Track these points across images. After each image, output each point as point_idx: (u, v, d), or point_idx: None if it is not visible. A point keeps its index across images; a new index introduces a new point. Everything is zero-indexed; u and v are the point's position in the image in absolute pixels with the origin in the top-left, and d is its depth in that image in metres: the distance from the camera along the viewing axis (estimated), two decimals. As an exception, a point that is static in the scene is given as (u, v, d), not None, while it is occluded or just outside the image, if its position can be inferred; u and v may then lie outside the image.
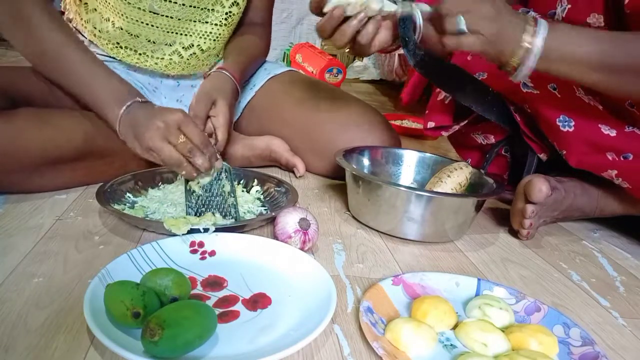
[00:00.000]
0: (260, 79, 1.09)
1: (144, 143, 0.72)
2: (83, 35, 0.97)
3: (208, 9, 0.97)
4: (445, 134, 1.01)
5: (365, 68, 2.86)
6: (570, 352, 0.53)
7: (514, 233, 0.86)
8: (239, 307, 0.55)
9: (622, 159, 0.77)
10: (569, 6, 0.67)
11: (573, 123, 0.80)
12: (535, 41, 0.66)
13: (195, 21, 0.97)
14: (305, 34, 2.76)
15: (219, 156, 0.77)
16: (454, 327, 0.56)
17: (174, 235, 0.66)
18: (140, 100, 0.78)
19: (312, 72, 2.31)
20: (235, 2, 0.99)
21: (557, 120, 0.81)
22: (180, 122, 0.71)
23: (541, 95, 0.82)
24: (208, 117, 0.86)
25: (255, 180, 0.90)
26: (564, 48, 0.67)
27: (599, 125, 0.78)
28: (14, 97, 0.82)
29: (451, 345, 0.53)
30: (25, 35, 0.79)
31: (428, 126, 1.02)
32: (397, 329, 0.52)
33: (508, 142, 0.99)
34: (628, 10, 0.72)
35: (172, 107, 0.76)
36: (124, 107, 0.76)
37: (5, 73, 0.85)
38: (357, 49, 0.74)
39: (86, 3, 0.95)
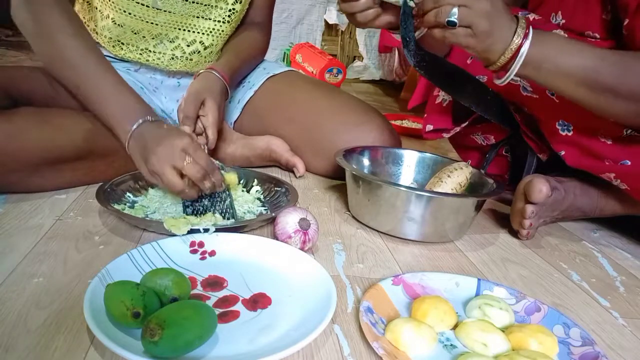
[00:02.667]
0: (259, 79, 1.09)
1: (149, 166, 0.71)
2: None
3: (211, 6, 0.97)
4: (445, 135, 1.01)
5: (365, 68, 2.86)
6: (570, 352, 0.53)
7: (514, 233, 0.86)
8: (239, 307, 0.55)
9: (619, 164, 0.77)
10: (563, 21, 0.67)
11: (572, 127, 0.80)
12: (524, 43, 0.65)
13: (197, 17, 0.97)
14: (306, 34, 2.75)
15: (224, 185, 0.77)
16: (454, 327, 0.56)
17: (174, 235, 0.66)
18: (150, 119, 0.76)
19: (312, 72, 2.31)
20: None
21: (557, 124, 0.81)
22: (186, 146, 0.70)
23: (540, 99, 0.82)
24: (198, 117, 0.87)
25: (255, 180, 0.90)
26: (551, 57, 0.66)
27: (596, 133, 0.78)
28: (14, 96, 0.82)
29: (451, 345, 0.53)
30: (47, 42, 0.78)
31: (427, 129, 1.02)
32: (397, 329, 0.51)
33: (508, 142, 0.99)
34: (625, 32, 0.72)
35: (180, 130, 0.76)
36: (135, 125, 0.74)
37: (5, 72, 0.85)
38: (354, 22, 0.77)
39: (88, 2, 0.95)
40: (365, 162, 0.95)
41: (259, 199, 0.86)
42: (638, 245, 0.90)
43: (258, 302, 0.57)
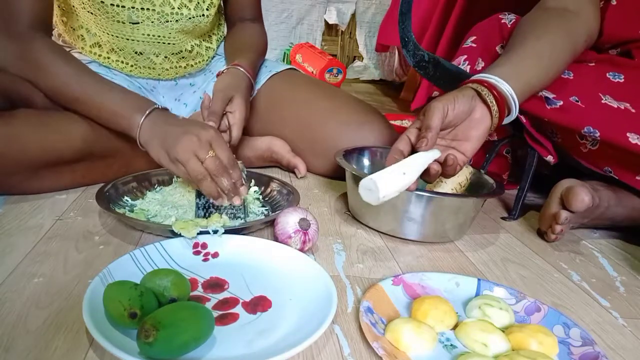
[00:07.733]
0: (262, 77, 1.09)
1: (172, 154, 0.71)
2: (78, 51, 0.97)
3: (190, 17, 0.96)
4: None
5: (365, 68, 2.86)
6: (570, 352, 0.53)
7: (514, 233, 0.86)
8: (238, 309, 0.55)
9: None
10: None
11: (598, 134, 0.77)
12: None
13: (175, 29, 0.96)
14: (306, 34, 2.75)
15: (244, 181, 0.76)
16: (454, 327, 0.56)
17: (176, 236, 0.65)
18: (159, 107, 0.78)
19: (312, 72, 2.31)
20: (211, 3, 0.99)
21: (583, 131, 0.79)
22: (212, 139, 0.71)
23: (565, 106, 0.81)
24: (224, 114, 0.87)
25: (253, 181, 0.89)
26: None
27: (627, 134, 0.75)
28: (13, 98, 0.82)
29: (451, 345, 0.53)
30: (37, 74, 0.81)
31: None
32: (397, 329, 0.51)
33: (509, 141, 0.99)
34: None
35: (204, 122, 0.78)
36: (145, 114, 0.76)
37: (4, 75, 0.85)
38: None
39: (74, 20, 0.94)
40: (365, 162, 0.95)
41: (257, 199, 0.86)
42: (638, 245, 0.90)
43: (258, 305, 0.56)
